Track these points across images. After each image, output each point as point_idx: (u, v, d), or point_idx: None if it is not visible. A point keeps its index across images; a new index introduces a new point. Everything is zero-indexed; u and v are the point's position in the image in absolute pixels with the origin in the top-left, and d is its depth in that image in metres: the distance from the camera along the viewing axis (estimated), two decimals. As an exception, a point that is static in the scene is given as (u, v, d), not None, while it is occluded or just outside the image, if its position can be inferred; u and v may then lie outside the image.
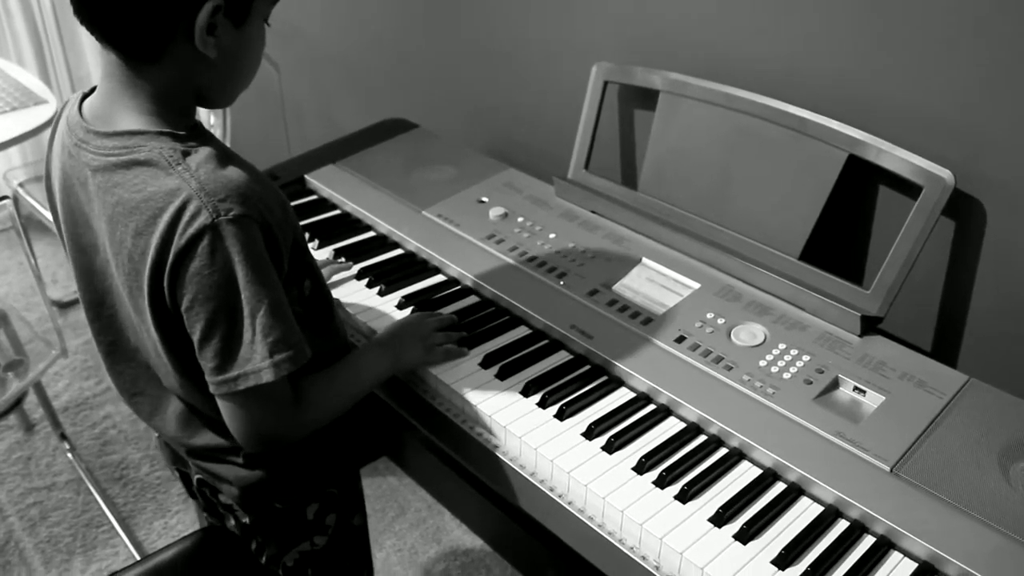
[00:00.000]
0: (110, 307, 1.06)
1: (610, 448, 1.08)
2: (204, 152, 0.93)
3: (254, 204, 0.92)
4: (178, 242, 0.90)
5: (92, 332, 1.11)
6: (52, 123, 1.07)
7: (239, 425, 0.99)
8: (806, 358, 1.17)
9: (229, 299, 0.91)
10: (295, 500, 1.18)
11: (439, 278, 1.41)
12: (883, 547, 0.95)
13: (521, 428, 1.11)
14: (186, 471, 1.23)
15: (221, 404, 0.98)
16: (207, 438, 1.11)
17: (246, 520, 1.18)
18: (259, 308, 0.92)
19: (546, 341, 1.26)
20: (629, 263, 1.37)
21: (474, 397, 1.16)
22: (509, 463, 1.11)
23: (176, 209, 0.90)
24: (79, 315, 2.64)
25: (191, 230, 0.89)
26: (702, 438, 1.10)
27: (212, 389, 0.96)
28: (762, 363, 1.16)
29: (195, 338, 0.94)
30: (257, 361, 0.93)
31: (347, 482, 1.26)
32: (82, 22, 0.91)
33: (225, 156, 0.95)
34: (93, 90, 1.01)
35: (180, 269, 0.91)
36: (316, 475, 1.19)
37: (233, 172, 0.93)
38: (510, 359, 1.22)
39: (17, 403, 1.95)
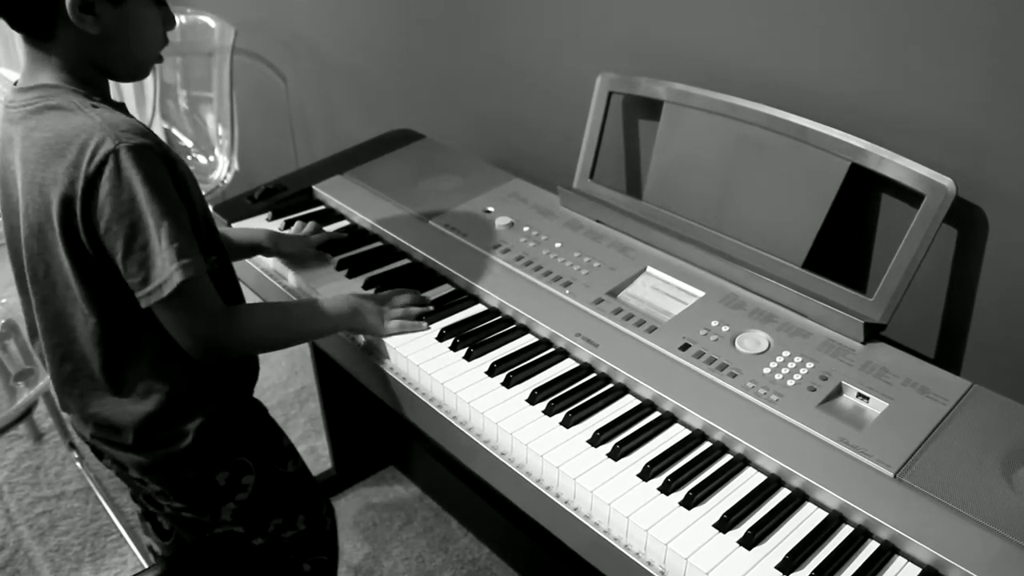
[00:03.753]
0: (31, 258, 1.12)
1: (616, 455, 1.09)
2: (111, 109, 1.06)
3: (155, 139, 1.04)
4: (87, 169, 1.00)
5: (23, 303, 1.19)
6: None
7: (177, 331, 1.08)
8: (810, 365, 1.17)
9: (140, 214, 1.01)
10: (196, 473, 1.21)
11: (446, 288, 1.42)
12: (887, 552, 0.96)
13: (527, 435, 1.12)
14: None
15: (159, 316, 1.07)
16: (95, 406, 1.16)
17: (158, 488, 1.23)
18: (163, 221, 1.01)
19: (552, 349, 1.28)
20: (634, 272, 1.38)
21: (480, 405, 1.17)
22: (515, 470, 1.12)
23: (83, 140, 1.00)
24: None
25: (98, 157, 1.00)
26: (707, 444, 1.11)
27: (144, 303, 1.05)
28: (766, 370, 1.17)
29: (118, 258, 1.03)
30: (168, 268, 1.02)
31: (259, 445, 1.29)
32: None
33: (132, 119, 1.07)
34: None
35: (92, 194, 1.01)
36: (213, 448, 1.21)
37: (136, 120, 1.06)
38: (516, 367, 1.23)
39: (27, 413, 1.96)
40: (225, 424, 1.22)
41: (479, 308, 1.37)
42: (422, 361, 1.25)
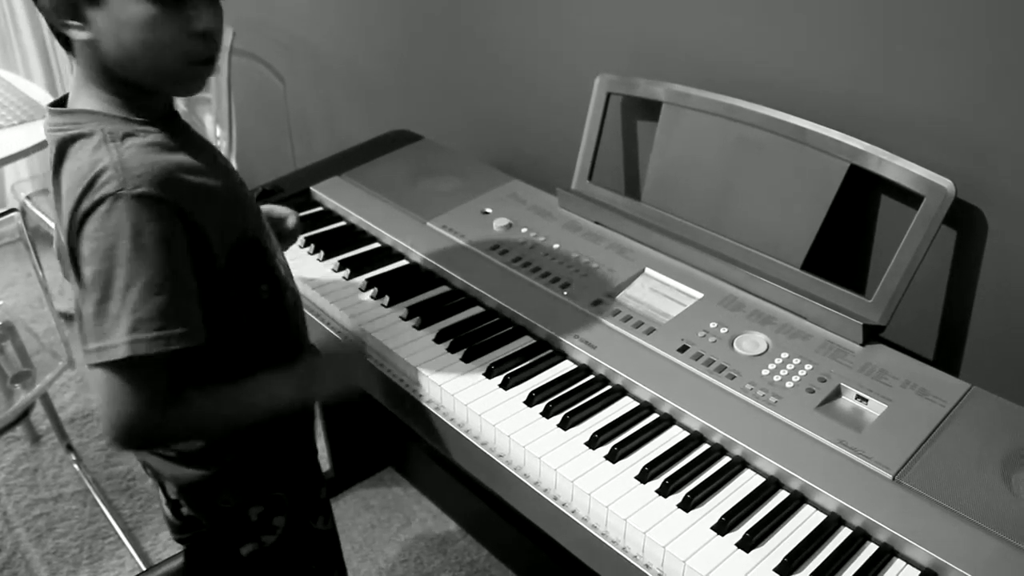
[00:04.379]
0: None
1: (613, 457, 1.08)
2: (149, 137, 0.97)
3: (173, 189, 0.94)
4: (85, 205, 0.92)
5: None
6: None
7: (99, 405, 0.96)
8: (808, 367, 1.17)
9: (111, 267, 0.92)
10: (235, 501, 1.17)
11: (443, 289, 1.42)
12: (885, 555, 0.96)
13: (525, 437, 1.11)
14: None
15: (92, 378, 0.96)
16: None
17: (190, 512, 1.19)
18: (134, 284, 0.92)
19: (550, 351, 1.27)
20: (632, 273, 1.38)
21: (478, 407, 1.17)
22: (513, 472, 1.12)
23: (94, 175, 0.92)
24: (86, 327, 2.65)
25: (97, 195, 0.92)
26: (705, 447, 1.11)
27: (85, 358, 0.95)
28: (765, 372, 1.17)
29: (81, 297, 0.95)
30: (116, 336, 0.91)
31: (299, 486, 1.24)
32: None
33: (174, 147, 0.98)
34: None
35: (82, 229, 0.93)
36: (256, 477, 1.17)
37: (167, 159, 0.96)
38: (514, 369, 1.23)
39: (24, 415, 1.96)
40: (269, 451, 1.15)
41: (477, 310, 1.37)
42: (420, 363, 1.24)
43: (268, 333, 1.09)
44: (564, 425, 1.13)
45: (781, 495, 1.04)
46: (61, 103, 1.03)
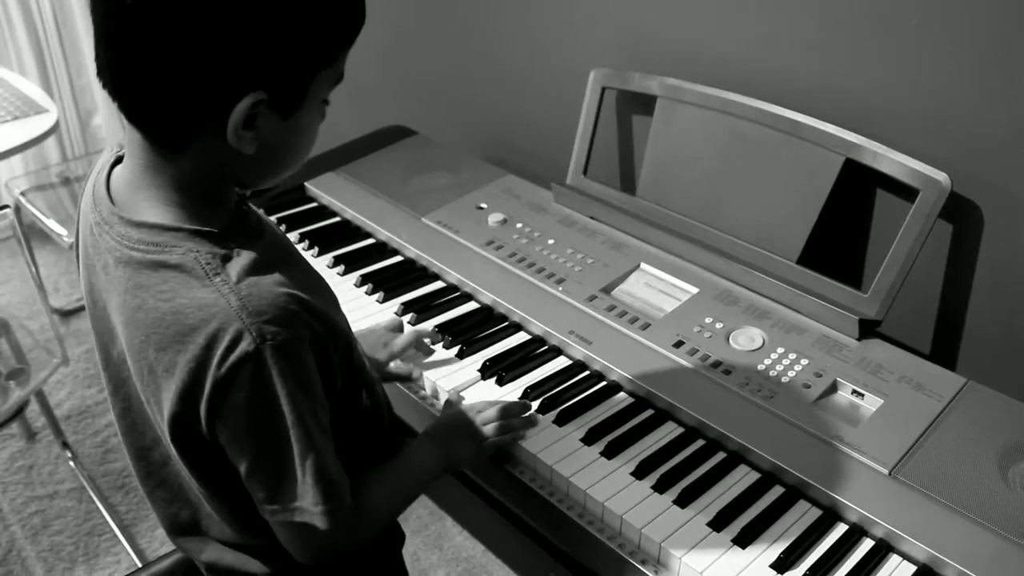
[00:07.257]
0: (125, 397, 0.94)
1: (609, 453, 1.08)
2: (246, 258, 0.81)
3: (303, 321, 0.81)
4: (216, 372, 0.78)
5: (112, 407, 0.98)
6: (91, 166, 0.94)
7: (297, 547, 0.89)
8: (804, 362, 1.17)
9: (276, 432, 0.81)
10: None
11: (438, 284, 1.42)
12: (882, 550, 0.96)
13: (520, 433, 1.11)
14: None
15: (275, 525, 0.88)
16: (214, 554, 1.00)
17: None
18: (310, 449, 0.81)
19: (545, 347, 1.27)
20: (627, 268, 1.37)
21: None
22: (509, 469, 1.11)
23: (213, 331, 0.77)
24: (81, 323, 2.64)
25: (232, 358, 0.77)
26: (701, 442, 1.10)
27: (265, 515, 0.86)
28: (760, 367, 1.16)
29: (241, 469, 0.83)
30: (309, 503, 0.83)
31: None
32: (104, 86, 0.78)
33: (270, 260, 0.83)
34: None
35: (222, 401, 0.79)
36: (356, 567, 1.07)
37: (278, 283, 0.81)
38: (509, 365, 1.22)
39: (19, 412, 1.95)
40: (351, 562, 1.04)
41: (472, 305, 1.36)
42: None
43: (371, 440, 1.02)
44: (560, 421, 1.13)
45: (777, 490, 1.03)
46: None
